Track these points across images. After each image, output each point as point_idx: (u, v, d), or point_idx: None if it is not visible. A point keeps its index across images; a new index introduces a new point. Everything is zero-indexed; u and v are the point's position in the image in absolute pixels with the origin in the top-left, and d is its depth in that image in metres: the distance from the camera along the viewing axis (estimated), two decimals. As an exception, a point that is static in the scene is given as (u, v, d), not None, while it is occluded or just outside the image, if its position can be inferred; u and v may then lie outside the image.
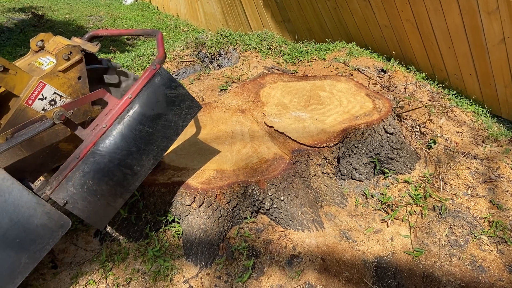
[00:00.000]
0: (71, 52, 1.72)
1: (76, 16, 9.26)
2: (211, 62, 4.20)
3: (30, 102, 1.67)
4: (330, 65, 4.02)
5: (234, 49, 4.19)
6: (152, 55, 4.14)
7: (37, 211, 1.60)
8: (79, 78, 1.79)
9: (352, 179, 2.74)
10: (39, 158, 1.78)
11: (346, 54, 4.32)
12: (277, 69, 3.73)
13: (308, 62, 4.12)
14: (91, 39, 2.16)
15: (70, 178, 1.66)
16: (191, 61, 4.04)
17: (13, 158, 1.70)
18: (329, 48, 4.59)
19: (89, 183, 1.68)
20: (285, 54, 4.24)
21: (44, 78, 1.68)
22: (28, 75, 1.68)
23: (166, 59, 4.02)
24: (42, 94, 1.69)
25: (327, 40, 4.86)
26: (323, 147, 2.38)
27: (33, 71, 1.76)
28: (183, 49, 4.22)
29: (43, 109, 1.72)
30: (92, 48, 1.85)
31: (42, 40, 1.92)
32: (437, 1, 3.52)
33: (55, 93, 1.72)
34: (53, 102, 1.73)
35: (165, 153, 1.90)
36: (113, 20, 9.34)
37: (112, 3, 11.71)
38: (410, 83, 3.81)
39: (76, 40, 1.99)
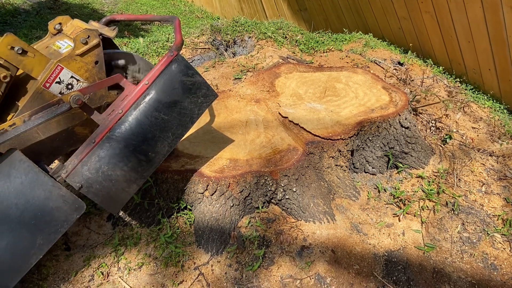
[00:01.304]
0: (89, 36, 1.72)
1: (91, -1, 9.26)
2: (226, 50, 4.17)
3: (47, 85, 1.67)
4: (346, 56, 3.97)
5: (250, 37, 4.15)
6: (167, 41, 4.13)
7: (53, 194, 1.62)
8: (96, 62, 1.78)
9: (365, 172, 2.72)
10: (55, 141, 1.80)
11: (363, 46, 4.25)
12: (292, 59, 3.69)
13: (324, 52, 4.07)
14: (108, 23, 2.15)
15: (86, 162, 1.67)
16: (206, 48, 4.02)
17: (30, 140, 1.72)
18: (345, 39, 4.52)
19: (104, 168, 1.70)
20: (300, 43, 4.19)
21: (61, 61, 1.68)
22: (46, 58, 1.68)
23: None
24: (59, 78, 1.69)
25: (344, 30, 4.79)
26: (338, 139, 2.36)
27: (51, 54, 1.76)
28: (198, 35, 4.19)
29: (60, 93, 1.72)
30: (110, 32, 1.84)
31: (60, 23, 1.92)
32: (459, -7, 3.44)
33: (72, 77, 1.73)
34: (70, 86, 1.74)
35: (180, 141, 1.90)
36: (128, 4, 9.32)
37: (128, -13, 11.67)
38: (428, 76, 3.75)
39: (94, 24, 1.99)
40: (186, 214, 2.28)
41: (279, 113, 2.61)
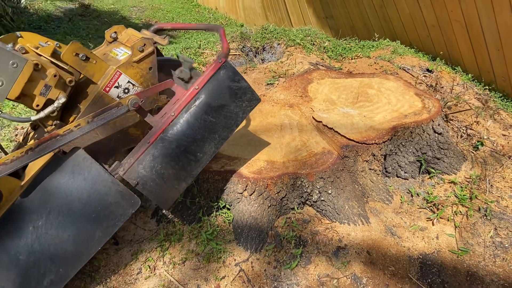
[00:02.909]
0: (145, 44, 1.84)
1: (120, 6, 9.56)
2: (255, 56, 4.29)
3: (107, 89, 1.81)
4: (375, 63, 4.03)
5: (279, 44, 4.26)
6: (198, 48, 4.27)
7: (112, 190, 1.74)
8: (150, 68, 1.91)
9: (397, 176, 2.78)
10: (111, 142, 1.93)
11: (391, 53, 4.31)
12: (321, 65, 3.78)
13: (352, 59, 4.14)
14: (156, 32, 2.28)
15: (141, 161, 1.79)
16: (236, 54, 4.15)
17: (90, 140, 1.85)
18: (372, 46, 4.58)
19: (158, 167, 1.81)
20: (328, 50, 4.28)
21: (120, 67, 1.81)
22: (106, 64, 1.81)
23: (213, 52, 4.14)
24: (118, 82, 1.82)
25: (375, 36, 4.85)
26: (372, 143, 2.43)
27: (109, 61, 1.89)
28: (229, 42, 4.32)
29: (118, 96, 1.85)
30: (162, 41, 1.97)
31: (115, 32, 2.06)
32: (489, 2, 3.47)
33: (129, 81, 1.86)
34: (126, 90, 1.87)
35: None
36: (155, 11, 9.58)
37: (153, -5, 11.99)
38: (458, 84, 3.77)
39: (146, 33, 2.12)
40: (225, 213, 2.38)
41: (313, 118, 2.70)
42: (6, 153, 1.93)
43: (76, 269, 1.74)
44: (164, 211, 2.38)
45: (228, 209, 2.39)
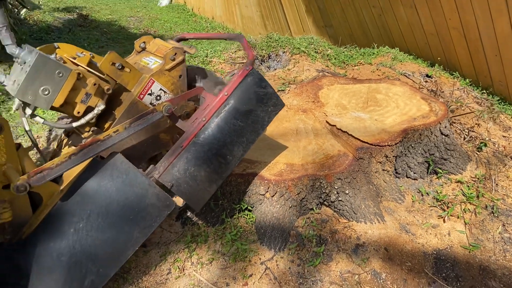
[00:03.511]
0: (176, 53, 1.95)
1: (117, 17, 9.64)
2: (261, 64, 4.40)
3: (141, 96, 1.90)
4: (377, 69, 4.18)
5: (284, 52, 4.39)
6: (206, 56, 4.38)
7: (148, 192, 1.83)
8: (180, 76, 2.01)
9: (407, 177, 2.90)
10: (144, 146, 2.02)
11: (392, 59, 4.46)
12: (327, 72, 3.91)
13: (355, 66, 4.28)
14: (179, 41, 2.39)
15: (175, 164, 1.88)
16: (243, 62, 4.26)
17: (125, 145, 1.94)
18: (373, 53, 4.74)
19: (191, 169, 1.91)
20: (331, 58, 4.42)
21: (154, 75, 1.91)
22: (139, 72, 1.91)
23: (220, 60, 4.25)
24: (151, 90, 1.92)
25: (374, 43, 5.01)
26: (385, 145, 2.55)
27: (141, 69, 1.99)
28: (235, 51, 4.44)
29: (150, 103, 1.95)
30: (190, 50, 2.07)
31: (144, 42, 2.16)
32: (487, 10, 3.64)
33: (161, 89, 1.95)
34: (158, 97, 1.96)
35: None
36: (152, 21, 9.68)
37: (148, 5, 12.09)
38: (458, 88, 3.93)
39: (172, 43, 2.22)
40: (247, 215, 2.47)
41: (327, 122, 2.81)
42: (43, 157, 2.01)
43: (115, 269, 1.82)
44: (188, 214, 2.46)
45: (250, 210, 2.48)
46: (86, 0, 11.29)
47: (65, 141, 2.08)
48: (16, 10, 7.44)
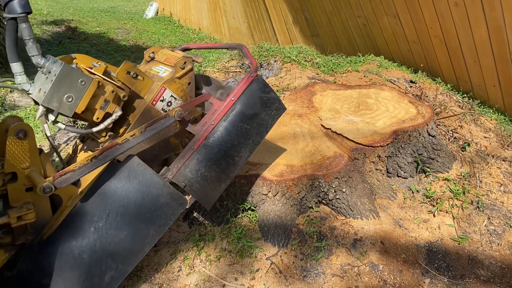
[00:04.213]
0: (185, 62, 2.09)
1: (105, 29, 9.73)
2: (253, 73, 4.57)
3: (154, 103, 2.03)
4: (364, 76, 4.39)
5: (275, 61, 4.57)
6: (200, 66, 4.52)
7: (163, 192, 1.95)
8: (189, 83, 2.15)
9: (398, 176, 3.08)
10: (155, 150, 2.14)
11: (377, 66, 4.69)
12: (318, 79, 4.10)
13: (343, 73, 4.49)
14: (183, 51, 2.53)
15: (188, 165, 2.01)
16: (236, 71, 4.42)
17: (138, 149, 2.06)
18: (359, 61, 4.96)
19: (202, 170, 2.04)
20: (321, 66, 4.62)
21: (165, 83, 2.04)
22: (151, 80, 2.04)
23: (214, 70, 4.40)
24: (163, 96, 2.05)
25: (358, 53, 5.24)
26: (378, 146, 2.73)
27: (153, 78, 2.12)
28: (228, 60, 4.60)
29: (162, 109, 2.08)
30: (198, 59, 2.21)
31: (153, 52, 2.29)
32: (465, 19, 3.90)
33: (171, 95, 2.09)
34: (169, 103, 2.09)
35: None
36: (140, 33, 9.80)
37: (134, 17, 12.22)
38: (441, 93, 4.17)
39: (179, 52, 2.36)
40: (250, 214, 2.60)
41: (322, 125, 2.98)
42: (62, 162, 2.11)
43: (133, 265, 1.92)
44: (194, 214, 2.58)
45: (253, 210, 2.61)
46: (72, 13, 11.36)
47: (79, 146, 2.18)
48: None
